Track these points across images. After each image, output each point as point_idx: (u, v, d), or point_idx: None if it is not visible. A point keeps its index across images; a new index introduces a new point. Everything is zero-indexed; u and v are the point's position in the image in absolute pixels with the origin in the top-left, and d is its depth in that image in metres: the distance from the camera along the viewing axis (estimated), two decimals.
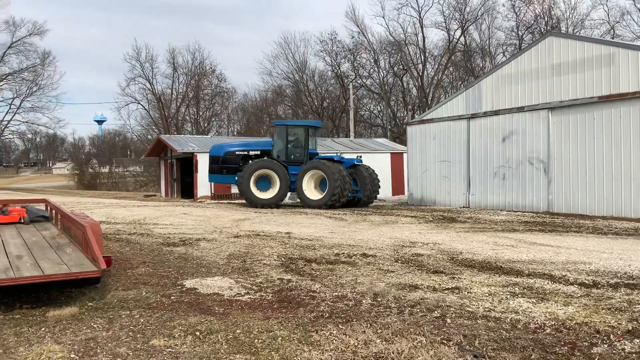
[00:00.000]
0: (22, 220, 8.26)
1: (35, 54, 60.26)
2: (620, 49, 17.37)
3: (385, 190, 33.55)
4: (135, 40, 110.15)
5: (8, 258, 6.01)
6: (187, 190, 34.43)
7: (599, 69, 17.63)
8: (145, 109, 64.78)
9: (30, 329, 4.81)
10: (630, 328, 4.81)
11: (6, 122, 61.24)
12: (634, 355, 4.18)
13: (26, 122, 63.11)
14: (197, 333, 4.64)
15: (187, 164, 33.99)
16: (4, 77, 59.33)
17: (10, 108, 60.61)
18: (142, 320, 5.06)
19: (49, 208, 8.91)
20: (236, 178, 22.00)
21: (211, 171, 23.45)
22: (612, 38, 43.51)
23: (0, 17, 61.96)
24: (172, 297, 6.01)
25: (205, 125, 65.99)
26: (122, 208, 21.64)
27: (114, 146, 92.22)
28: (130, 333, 4.69)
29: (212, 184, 31.29)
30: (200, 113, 66.06)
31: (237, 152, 22.95)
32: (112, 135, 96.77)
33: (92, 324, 4.96)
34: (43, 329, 4.80)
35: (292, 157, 22.39)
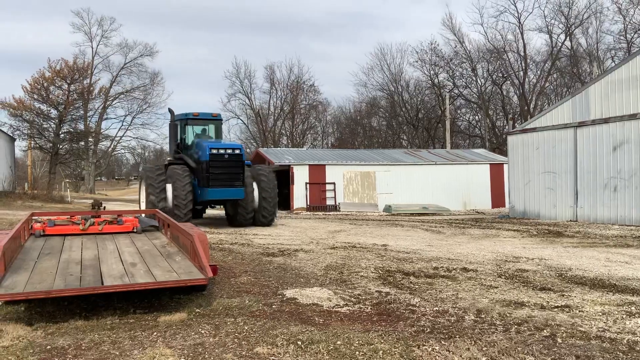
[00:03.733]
0: (135, 230, 8.79)
1: (145, 74, 64.30)
2: None
3: (484, 202, 32.53)
4: (235, 58, 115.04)
5: (123, 265, 6.41)
6: (283, 202, 35.16)
7: None
8: (244, 123, 67.20)
9: (143, 332, 5.09)
10: None
11: (119, 138, 65.66)
12: None
13: (136, 137, 67.32)
14: (299, 342, 4.70)
15: (283, 175, 34.76)
16: (117, 95, 63.78)
17: (122, 124, 65.00)
18: (246, 328, 5.21)
19: (158, 218, 9.43)
20: None
21: None
22: None
23: (114, 40, 66.83)
24: (273, 306, 6.14)
25: (300, 138, 67.25)
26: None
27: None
28: (236, 340, 4.84)
29: (308, 195, 31.83)
30: (296, 127, 67.42)
31: None
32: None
33: (200, 329, 5.17)
34: (155, 333, 5.07)
35: None
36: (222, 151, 16.54)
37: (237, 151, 17.05)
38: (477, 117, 60.97)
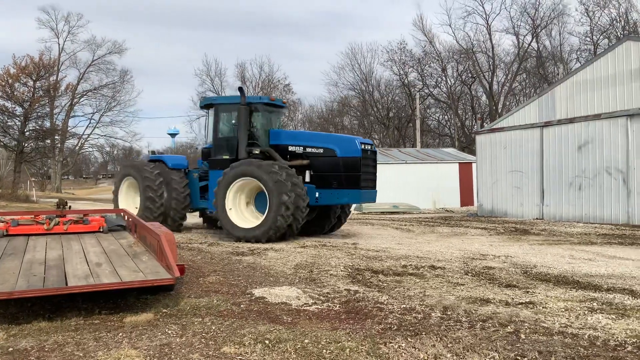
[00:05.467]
0: (102, 230, 8.66)
1: (114, 71, 63.26)
2: None
3: (453, 201, 32.92)
4: (206, 56, 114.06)
5: (88, 265, 6.32)
6: None
7: None
8: None
9: (108, 333, 5.01)
10: None
11: (86, 136, 64.45)
12: None
13: (105, 135, 66.22)
14: (267, 342, 4.70)
15: None
16: (85, 93, 62.62)
17: (90, 122, 63.84)
18: (213, 328, 5.18)
19: (126, 218, 9.31)
20: None
21: None
22: None
23: (81, 37, 65.41)
24: (241, 306, 6.12)
25: None
26: (193, 217, 22.27)
27: (186, 158, 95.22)
28: (203, 340, 4.81)
29: None
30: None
31: None
32: (185, 147, 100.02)
33: (167, 330, 5.12)
34: (120, 334, 5.00)
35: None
36: (367, 147, 13.54)
37: (375, 148, 14.32)
38: (446, 117, 61.73)
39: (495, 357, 4.33)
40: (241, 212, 13.15)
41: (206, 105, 15.01)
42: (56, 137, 55.14)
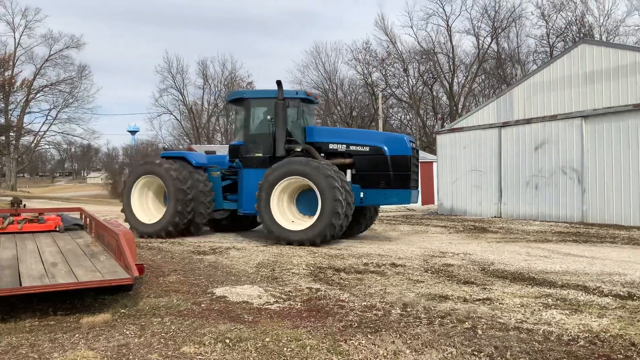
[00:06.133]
0: (58, 229, 8.45)
1: (72, 66, 61.80)
2: None
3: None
4: (167, 52, 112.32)
5: (43, 265, 6.16)
6: None
7: (633, 76, 17.27)
8: (177, 119, 65.93)
9: (64, 335, 4.91)
10: None
11: (42, 133, 62.78)
12: None
13: (62, 133, 64.60)
14: (227, 341, 4.67)
15: None
16: (41, 88, 60.94)
17: (46, 119, 62.17)
18: (173, 328, 5.12)
19: (83, 217, 9.11)
20: None
21: None
22: None
23: (38, 31, 63.63)
24: (202, 305, 6.07)
25: (235, 134, 66.68)
26: None
27: (146, 156, 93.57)
28: (162, 340, 4.75)
29: None
30: (230, 123, 66.72)
31: None
32: (145, 145, 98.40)
33: (125, 330, 5.04)
34: (77, 335, 4.90)
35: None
36: (413, 145, 12.91)
37: (417, 147, 13.62)
38: (408, 117, 62.43)
39: (453, 353, 4.41)
40: (285, 213, 12.36)
41: (235, 99, 14.09)
42: (11, 133, 53.51)
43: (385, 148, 12.54)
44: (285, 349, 4.48)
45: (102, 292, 6.25)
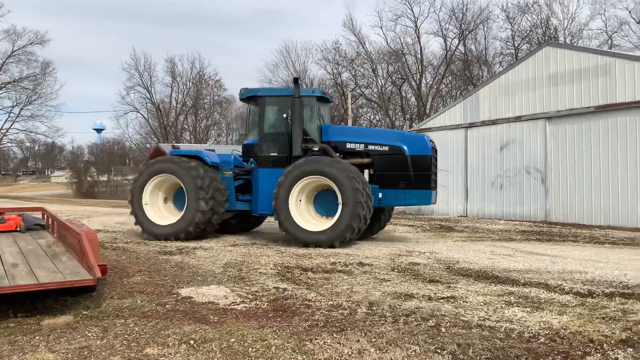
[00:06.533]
0: (19, 229, 8.26)
1: (35, 63, 60.35)
2: (616, 59, 17.48)
3: None
4: (134, 49, 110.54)
5: (3, 266, 6.02)
6: None
7: (595, 79, 17.73)
8: (144, 117, 65.02)
9: (24, 337, 4.80)
10: (624, 337, 4.81)
11: (5, 130, 61.20)
12: None
13: (25, 130, 63.04)
14: (191, 342, 4.64)
15: None
16: (3, 85, 59.39)
17: (9, 116, 60.62)
18: (136, 329, 5.06)
19: (45, 216, 8.91)
20: None
21: None
22: (610, 48, 43.72)
23: (1, 27, 62.00)
24: (167, 306, 6.00)
25: (204, 133, 66.12)
26: (119, 216, 21.62)
27: (112, 154, 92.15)
28: (125, 342, 4.69)
29: None
30: (199, 122, 66.22)
31: None
32: (111, 143, 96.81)
33: (87, 332, 4.96)
34: (37, 337, 4.80)
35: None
36: (433, 145, 12.69)
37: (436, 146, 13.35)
38: (377, 117, 62.81)
39: (416, 351, 4.46)
40: (303, 214, 11.98)
41: (249, 97, 13.52)
42: None
43: (405, 147, 12.27)
44: (250, 349, 4.47)
45: (64, 293, 6.13)
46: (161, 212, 12.95)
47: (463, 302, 6.28)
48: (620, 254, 10.80)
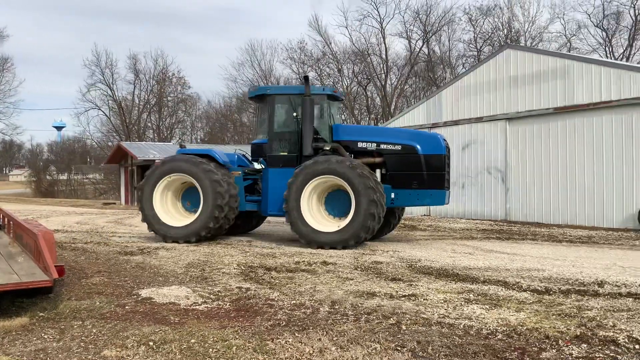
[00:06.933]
0: None
1: None
2: (574, 62, 17.95)
3: None
4: (95, 46, 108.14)
5: None
6: None
7: (554, 81, 18.17)
8: (105, 115, 63.69)
9: None
10: (579, 333, 4.95)
11: None
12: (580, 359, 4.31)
13: None
14: (151, 343, 4.58)
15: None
16: None
17: None
18: (94, 331, 4.96)
19: (1, 216, 8.66)
20: None
21: None
22: (569, 51, 44.89)
23: None
24: (126, 307, 5.91)
25: (168, 132, 65.22)
26: (79, 216, 21.17)
27: (73, 153, 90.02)
28: (82, 344, 4.60)
29: None
30: (163, 120, 65.24)
31: None
32: (72, 141, 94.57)
33: (43, 334, 4.84)
34: None
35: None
36: (446, 144, 12.34)
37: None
38: (343, 116, 63.00)
39: (377, 348, 4.50)
40: (314, 215, 11.65)
41: (258, 95, 13.25)
42: None
43: (418, 147, 12.00)
44: (210, 349, 4.44)
45: (20, 295, 5.98)
46: (171, 213, 12.58)
47: (424, 299, 6.36)
48: (577, 252, 11.11)
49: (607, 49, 48.95)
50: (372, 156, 12.32)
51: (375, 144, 12.36)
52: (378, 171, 12.39)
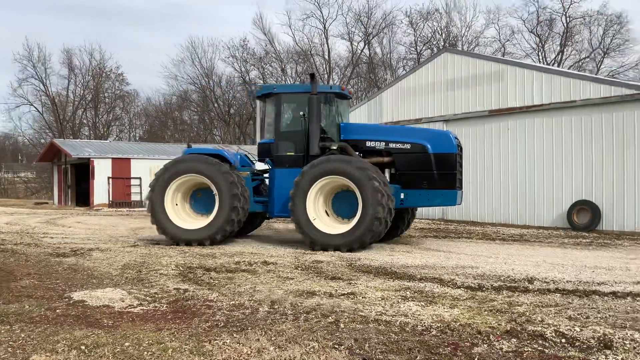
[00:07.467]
0: None
1: None
2: (508, 66, 18.65)
3: None
4: (27, 39, 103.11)
5: None
6: (82, 198, 32.84)
7: (489, 84, 18.81)
8: (38, 111, 61.10)
9: None
10: (509, 328, 5.14)
11: None
12: (510, 354, 4.47)
13: None
14: (83, 347, 4.44)
15: (83, 169, 32.43)
16: None
17: None
18: (22, 335, 4.77)
19: None
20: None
21: None
22: (503, 56, 46.56)
23: None
24: (57, 311, 5.70)
25: (105, 129, 63.24)
26: (9, 216, 20.27)
27: (3, 150, 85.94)
28: (10, 349, 4.41)
29: (111, 190, 30.00)
30: (99, 117, 63.20)
31: None
32: (2, 138, 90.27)
33: None
34: None
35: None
36: (458, 142, 11.98)
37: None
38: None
39: (315, 347, 4.53)
40: (321, 216, 11.37)
41: (264, 94, 12.96)
42: None
43: (429, 145, 11.69)
44: (145, 352, 4.34)
45: None
46: (181, 215, 12.15)
47: (362, 297, 6.45)
48: (509, 250, 11.55)
49: (540, 54, 51.17)
50: (380, 155, 12.09)
51: (384, 143, 12.11)
52: (387, 171, 12.21)
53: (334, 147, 11.92)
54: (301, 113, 12.20)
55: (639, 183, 15.44)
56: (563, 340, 4.77)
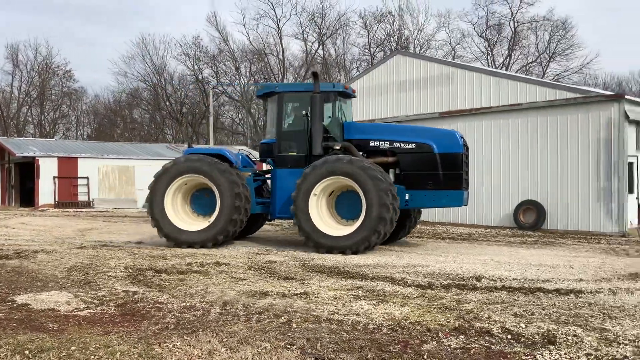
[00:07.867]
0: None
1: None
2: (457, 69, 19.08)
3: None
4: None
5: None
6: (27, 198, 31.73)
7: (440, 86, 19.20)
8: None
9: None
10: (457, 325, 5.27)
11: None
12: (458, 350, 4.58)
13: None
14: (27, 352, 4.30)
15: (27, 169, 31.34)
16: None
17: None
18: None
19: None
20: None
21: None
22: (454, 59, 47.58)
23: None
24: None
25: (51, 127, 61.26)
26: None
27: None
28: None
29: (57, 190, 29.10)
30: (45, 114, 61.16)
31: None
32: None
33: None
34: None
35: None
36: (464, 142, 11.74)
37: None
38: (240, 115, 62.55)
39: (267, 347, 4.53)
40: (324, 217, 11.13)
41: (265, 94, 12.66)
42: None
43: (434, 145, 11.43)
44: (92, 357, 4.24)
45: None
46: (181, 216, 11.81)
47: (315, 297, 6.48)
48: (458, 249, 11.82)
49: (489, 57, 52.52)
50: (385, 155, 11.86)
51: (388, 143, 11.87)
52: (392, 171, 11.96)
53: (337, 147, 11.75)
54: (304, 112, 12.00)
55: (581, 183, 16.07)
56: (509, 337, 4.92)
